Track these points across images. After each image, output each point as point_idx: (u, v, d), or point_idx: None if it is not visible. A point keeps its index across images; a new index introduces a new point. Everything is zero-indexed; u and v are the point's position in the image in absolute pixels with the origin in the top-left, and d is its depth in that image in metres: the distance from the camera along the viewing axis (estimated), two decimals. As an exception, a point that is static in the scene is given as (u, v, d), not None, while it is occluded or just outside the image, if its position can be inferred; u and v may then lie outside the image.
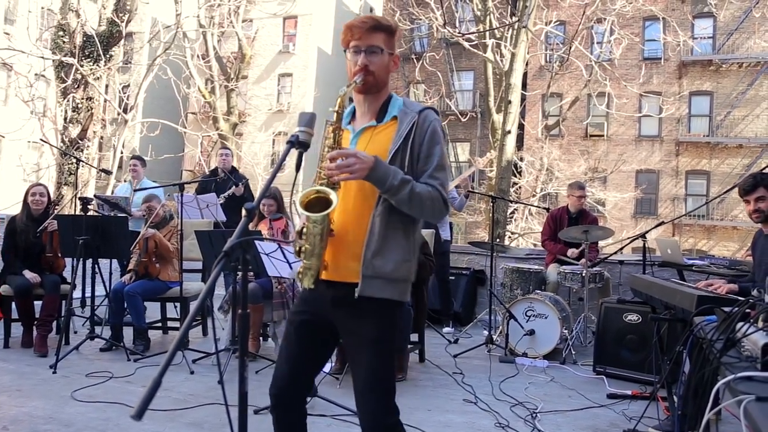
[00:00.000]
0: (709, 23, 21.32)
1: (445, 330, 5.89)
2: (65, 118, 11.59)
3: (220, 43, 21.58)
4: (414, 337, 4.67)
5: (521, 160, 19.01)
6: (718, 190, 19.36)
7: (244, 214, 1.60)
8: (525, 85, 17.40)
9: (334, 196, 1.76)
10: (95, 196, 6.55)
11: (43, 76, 13.59)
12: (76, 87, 11.50)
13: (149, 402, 1.16)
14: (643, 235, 4.87)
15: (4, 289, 4.85)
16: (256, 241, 4.01)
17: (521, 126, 19.59)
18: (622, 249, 7.66)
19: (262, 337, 5.03)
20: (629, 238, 5.69)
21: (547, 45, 19.15)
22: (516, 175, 16.99)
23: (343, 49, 1.92)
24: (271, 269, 4.13)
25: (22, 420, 3.22)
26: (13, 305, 4.89)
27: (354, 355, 1.91)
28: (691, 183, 21.76)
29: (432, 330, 5.60)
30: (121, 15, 11.77)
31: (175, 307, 5.52)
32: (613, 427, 3.42)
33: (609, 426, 3.45)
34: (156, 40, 15.20)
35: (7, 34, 18.97)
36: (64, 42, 11.61)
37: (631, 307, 4.43)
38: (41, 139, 9.08)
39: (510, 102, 12.62)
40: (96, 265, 5.39)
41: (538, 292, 5.30)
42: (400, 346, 2.06)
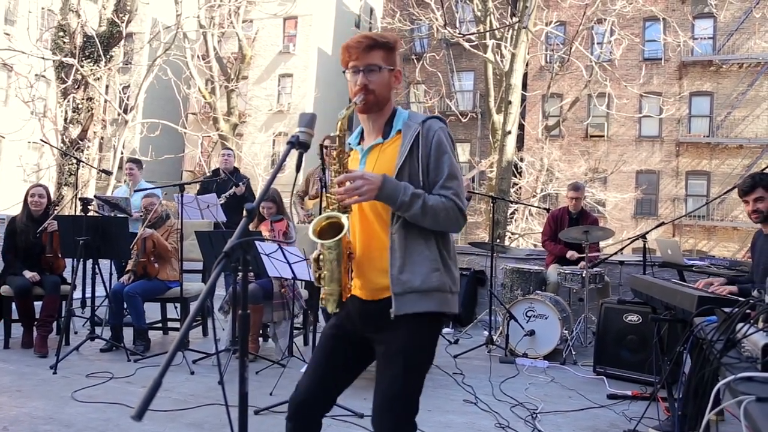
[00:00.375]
0: (709, 24, 21.32)
1: (445, 330, 5.88)
2: (65, 119, 11.60)
3: (220, 43, 21.62)
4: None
5: (521, 160, 19.03)
6: (718, 191, 19.37)
7: (245, 214, 1.60)
8: (525, 86, 17.41)
9: (345, 220, 1.76)
10: (95, 196, 6.52)
11: (43, 76, 13.60)
12: (76, 87, 11.51)
13: (149, 402, 1.16)
14: (643, 236, 4.87)
15: (4, 289, 4.85)
16: (257, 242, 4.02)
17: (521, 126, 19.61)
18: (623, 249, 7.66)
19: (262, 338, 5.04)
20: (629, 238, 5.70)
21: (547, 45, 19.19)
22: (516, 176, 16.99)
23: (343, 70, 1.90)
24: (271, 270, 4.13)
25: (22, 420, 3.23)
26: (14, 306, 4.90)
27: (382, 368, 1.83)
28: (692, 183, 21.76)
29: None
30: (121, 15, 11.79)
31: (176, 307, 5.53)
32: (614, 428, 3.42)
33: (609, 426, 3.45)
34: (156, 41, 15.22)
35: (7, 34, 18.99)
36: (65, 42, 11.62)
37: (631, 308, 4.43)
38: (41, 140, 9.06)
39: (510, 102, 12.63)
40: (96, 266, 5.39)
41: (539, 292, 5.29)
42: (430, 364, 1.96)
